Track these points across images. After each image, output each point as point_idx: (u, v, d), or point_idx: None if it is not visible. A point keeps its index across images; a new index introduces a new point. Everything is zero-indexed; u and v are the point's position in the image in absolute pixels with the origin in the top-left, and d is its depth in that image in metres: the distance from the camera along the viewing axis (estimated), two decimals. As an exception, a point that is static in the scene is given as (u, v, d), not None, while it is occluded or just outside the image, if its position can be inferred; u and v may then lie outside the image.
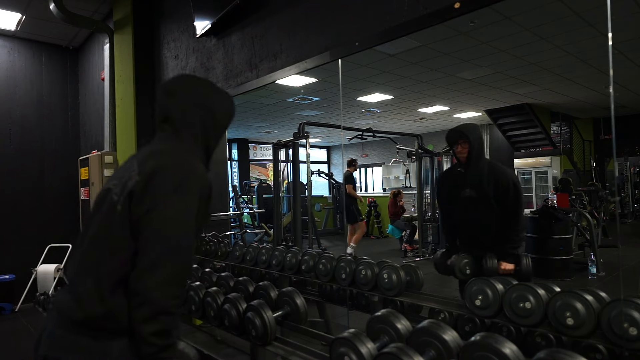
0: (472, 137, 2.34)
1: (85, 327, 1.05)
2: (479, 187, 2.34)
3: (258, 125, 10.24)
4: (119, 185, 1.11)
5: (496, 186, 2.31)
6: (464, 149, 2.36)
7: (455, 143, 2.40)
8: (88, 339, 1.05)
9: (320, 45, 2.26)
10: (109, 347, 1.05)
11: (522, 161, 9.67)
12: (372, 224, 9.92)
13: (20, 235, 5.02)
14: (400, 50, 5.03)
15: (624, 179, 9.99)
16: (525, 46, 4.96)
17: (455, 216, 2.52)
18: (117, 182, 1.13)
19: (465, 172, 2.40)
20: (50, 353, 1.07)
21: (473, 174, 2.36)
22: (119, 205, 1.07)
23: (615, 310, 1.22)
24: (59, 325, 1.09)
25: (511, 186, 2.30)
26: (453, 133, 2.42)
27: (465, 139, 2.35)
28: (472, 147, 2.33)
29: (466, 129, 2.37)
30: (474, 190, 2.35)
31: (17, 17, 4.51)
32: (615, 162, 9.70)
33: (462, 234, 2.52)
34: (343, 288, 2.12)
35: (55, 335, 1.08)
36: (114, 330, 1.06)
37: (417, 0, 1.77)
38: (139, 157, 1.17)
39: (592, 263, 4.84)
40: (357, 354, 1.23)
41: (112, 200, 1.09)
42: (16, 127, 5.10)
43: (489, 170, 2.35)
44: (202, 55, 3.30)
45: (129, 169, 1.12)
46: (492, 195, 2.32)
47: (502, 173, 2.36)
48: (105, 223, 1.10)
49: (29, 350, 1.15)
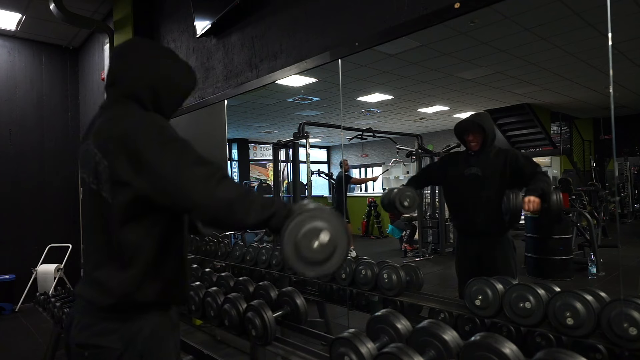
0: (487, 126, 2.27)
1: (112, 312, 1.06)
2: (485, 166, 2.26)
3: (258, 125, 10.24)
4: (91, 174, 1.06)
5: (505, 163, 2.22)
6: (476, 138, 2.28)
7: (467, 132, 2.31)
8: (117, 323, 1.06)
9: (320, 45, 2.26)
10: (138, 326, 1.06)
11: (522, 161, 9.66)
12: (372, 224, 9.92)
13: (20, 235, 5.02)
14: (400, 50, 5.03)
15: (624, 179, 9.98)
16: (525, 46, 4.97)
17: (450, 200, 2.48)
18: (87, 170, 1.09)
19: (474, 155, 2.32)
20: (84, 340, 1.07)
21: (482, 155, 2.29)
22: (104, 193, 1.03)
23: (615, 310, 1.22)
24: (87, 313, 1.10)
25: (519, 155, 2.23)
26: (467, 123, 2.33)
27: (479, 129, 2.27)
28: (487, 137, 2.26)
29: (481, 119, 2.29)
30: (479, 169, 2.27)
31: (17, 17, 4.51)
32: (615, 162, 9.69)
33: (459, 215, 2.43)
34: (343, 288, 2.12)
35: (84, 324, 1.09)
36: (140, 309, 1.07)
37: (417, 0, 1.77)
38: (94, 136, 1.07)
39: (592, 263, 4.83)
40: (357, 354, 1.23)
41: (92, 190, 1.07)
42: (16, 127, 5.10)
43: (497, 152, 2.29)
44: (202, 55, 3.30)
45: (91, 153, 1.05)
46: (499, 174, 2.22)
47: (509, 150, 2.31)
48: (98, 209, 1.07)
49: (29, 350, 1.16)
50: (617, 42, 4.79)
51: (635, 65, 5.71)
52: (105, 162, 1.01)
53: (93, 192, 1.07)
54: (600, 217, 6.60)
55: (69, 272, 4.95)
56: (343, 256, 0.96)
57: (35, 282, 4.79)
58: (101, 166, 1.02)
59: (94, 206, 1.09)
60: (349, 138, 8.55)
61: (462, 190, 2.34)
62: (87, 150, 1.08)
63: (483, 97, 7.65)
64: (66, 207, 5.27)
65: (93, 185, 1.06)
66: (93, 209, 1.10)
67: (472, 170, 2.28)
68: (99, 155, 1.02)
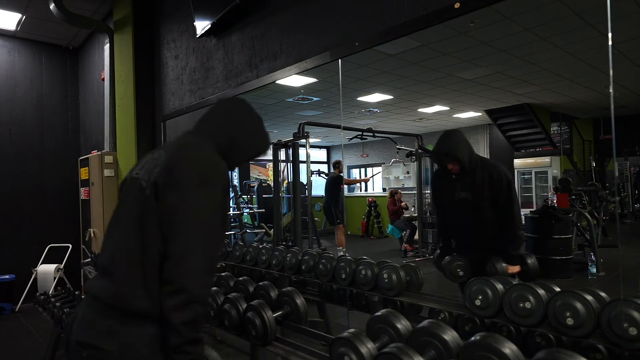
0: (461, 154, 2.20)
1: (118, 312, 1.07)
2: (473, 189, 2.25)
3: (258, 125, 10.22)
4: (146, 173, 1.14)
5: (490, 181, 2.21)
6: (455, 166, 2.25)
7: (444, 163, 2.29)
8: (118, 325, 1.07)
9: (320, 45, 2.26)
10: (139, 334, 1.07)
11: (522, 161, 9.67)
12: (372, 224, 9.92)
13: (20, 235, 5.02)
14: (400, 50, 5.03)
15: (624, 179, 9.98)
16: (525, 46, 4.96)
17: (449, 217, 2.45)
18: (144, 171, 1.16)
19: (460, 178, 2.30)
20: (84, 338, 1.08)
21: (466, 176, 2.27)
22: (147, 190, 1.10)
23: (615, 310, 1.22)
24: (92, 310, 1.11)
25: (504, 180, 2.21)
26: (440, 157, 2.30)
27: (454, 160, 2.22)
28: (464, 163, 2.21)
29: (452, 150, 2.21)
30: (468, 193, 2.26)
31: (17, 17, 4.51)
32: (615, 162, 9.68)
33: (457, 236, 2.44)
34: (343, 288, 2.12)
35: (87, 319, 1.10)
36: (146, 317, 1.08)
37: (417, 0, 1.77)
38: (167, 148, 1.21)
39: (592, 263, 4.83)
40: (357, 354, 1.23)
41: (141, 187, 1.12)
42: (16, 127, 5.10)
43: (482, 167, 2.26)
44: (202, 55, 3.30)
45: (157, 159, 1.16)
46: (487, 194, 2.22)
47: (495, 167, 2.26)
48: (137, 210, 1.12)
49: (29, 350, 1.16)
50: (617, 42, 4.78)
51: (635, 65, 5.70)
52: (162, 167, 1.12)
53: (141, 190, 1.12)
54: (600, 217, 6.60)
55: (69, 272, 4.95)
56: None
57: (35, 282, 4.79)
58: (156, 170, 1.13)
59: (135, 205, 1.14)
60: (349, 138, 8.55)
61: (455, 213, 2.35)
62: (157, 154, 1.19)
63: (483, 97, 7.65)
64: (66, 207, 5.27)
65: (143, 182, 1.13)
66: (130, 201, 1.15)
67: (462, 195, 2.28)
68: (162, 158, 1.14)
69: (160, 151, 1.20)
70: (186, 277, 1.02)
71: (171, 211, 1.07)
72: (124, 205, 1.18)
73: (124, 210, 1.17)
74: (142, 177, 1.14)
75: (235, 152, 1.30)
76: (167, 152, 1.17)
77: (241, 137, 1.31)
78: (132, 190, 1.15)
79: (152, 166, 1.14)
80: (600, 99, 7.80)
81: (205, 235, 1.08)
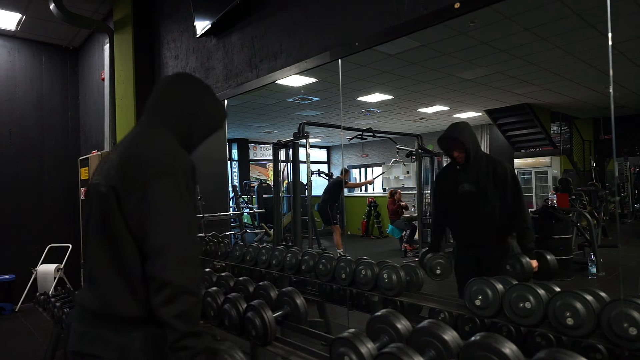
0: (467, 141, 2.25)
1: (106, 321, 1.08)
2: (477, 181, 2.27)
3: (258, 125, 10.24)
4: (103, 178, 1.11)
5: (495, 176, 2.24)
6: (460, 154, 2.29)
7: (450, 149, 2.33)
8: (111, 333, 1.07)
9: (320, 45, 2.26)
10: (131, 338, 1.07)
11: (522, 161, 9.67)
12: (372, 224, 9.92)
13: (20, 235, 5.02)
14: (400, 50, 5.03)
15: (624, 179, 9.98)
16: (525, 46, 4.96)
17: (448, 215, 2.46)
18: (102, 175, 1.13)
19: (463, 169, 2.33)
20: (80, 348, 1.09)
21: (471, 169, 2.29)
22: (109, 196, 1.08)
23: (615, 310, 1.22)
24: (83, 321, 1.11)
25: (509, 175, 2.24)
26: (446, 141, 2.32)
27: (460, 145, 2.27)
28: (469, 150, 2.26)
29: (459, 134, 2.26)
30: (473, 185, 2.28)
31: (17, 17, 4.51)
32: (615, 162, 9.69)
33: (459, 232, 2.45)
34: (343, 288, 2.12)
35: (80, 332, 1.11)
36: (133, 322, 1.08)
37: (417, 0, 1.77)
38: (119, 149, 1.17)
39: (592, 263, 4.84)
40: (357, 354, 1.23)
41: (101, 193, 1.10)
42: (16, 127, 5.10)
43: (487, 162, 2.29)
44: (202, 55, 3.30)
45: (112, 160, 1.13)
46: (491, 188, 2.24)
47: (500, 163, 2.30)
48: (102, 217, 1.10)
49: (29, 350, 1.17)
50: (617, 42, 4.79)
51: (635, 65, 5.70)
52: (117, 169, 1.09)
53: (101, 196, 1.10)
54: (600, 217, 6.60)
55: (69, 272, 4.95)
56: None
57: (35, 282, 4.78)
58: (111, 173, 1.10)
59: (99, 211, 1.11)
60: (349, 138, 8.54)
61: (459, 206, 2.36)
62: (111, 157, 1.16)
63: (483, 97, 7.65)
64: (66, 207, 5.27)
65: (103, 188, 1.10)
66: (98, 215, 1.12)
67: (466, 187, 2.29)
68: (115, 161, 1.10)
69: (115, 152, 1.17)
70: (168, 270, 1.00)
71: (138, 212, 1.04)
72: (91, 214, 1.16)
73: (92, 219, 1.15)
74: (101, 183, 1.11)
75: (194, 134, 1.25)
76: (119, 153, 1.13)
77: (198, 118, 1.25)
78: (94, 198, 1.14)
79: (107, 169, 1.11)
80: (600, 99, 7.80)
81: (178, 225, 1.05)
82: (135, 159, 1.09)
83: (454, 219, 2.46)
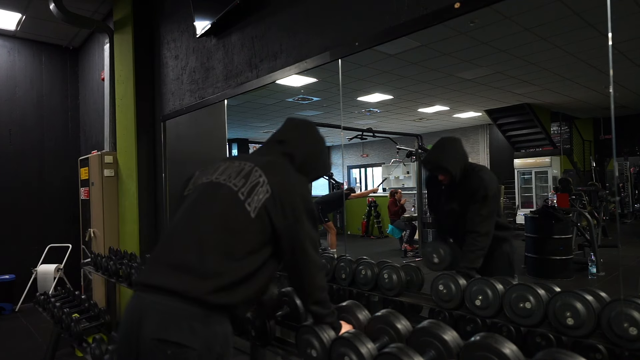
0: (452, 167, 2.11)
1: (199, 308, 1.09)
2: (462, 201, 2.17)
3: (258, 125, 10.24)
4: (245, 187, 1.21)
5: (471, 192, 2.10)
6: (445, 177, 2.18)
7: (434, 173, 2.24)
8: (201, 322, 1.09)
9: (320, 45, 2.26)
10: (215, 332, 1.11)
11: (522, 161, 9.67)
12: (372, 224, 9.92)
13: (20, 235, 5.02)
14: (400, 50, 5.03)
15: (624, 179, 9.98)
16: (525, 46, 4.96)
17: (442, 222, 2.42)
18: (239, 183, 1.22)
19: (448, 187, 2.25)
20: (164, 336, 1.06)
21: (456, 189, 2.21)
22: (251, 209, 1.18)
23: (615, 310, 1.22)
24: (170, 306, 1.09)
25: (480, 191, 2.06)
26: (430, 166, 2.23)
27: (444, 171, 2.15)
28: (453, 176, 2.13)
29: (443, 161, 2.12)
30: (457, 205, 2.20)
31: (17, 17, 4.52)
32: (615, 162, 9.68)
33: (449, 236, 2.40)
34: (343, 288, 2.12)
35: (167, 318, 1.08)
36: (224, 312, 1.14)
37: (417, 0, 1.77)
38: (257, 162, 1.29)
39: (592, 263, 4.83)
40: (357, 354, 1.23)
41: (238, 200, 1.19)
42: (16, 127, 5.10)
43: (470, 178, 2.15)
44: (202, 55, 3.30)
45: (253, 174, 1.24)
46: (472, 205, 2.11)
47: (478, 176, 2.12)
48: (232, 216, 1.18)
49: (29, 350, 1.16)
50: (617, 42, 4.79)
51: (635, 65, 5.71)
52: (269, 190, 1.21)
53: (236, 201, 1.20)
54: (600, 217, 6.60)
55: (69, 272, 4.95)
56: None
57: (35, 282, 4.79)
58: (262, 188, 1.21)
59: (223, 204, 1.21)
60: (349, 138, 8.55)
61: (447, 220, 2.32)
62: (247, 167, 1.27)
63: (483, 97, 7.65)
64: (66, 207, 5.27)
65: (242, 195, 1.20)
66: (219, 205, 1.22)
67: (452, 205, 2.23)
68: (264, 180, 1.22)
69: (250, 163, 1.28)
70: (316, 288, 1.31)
71: (287, 230, 1.20)
72: (202, 204, 1.24)
73: (204, 209, 1.22)
74: (241, 191, 1.21)
75: (311, 170, 1.46)
76: (263, 169, 1.25)
77: (312, 161, 1.46)
78: (220, 194, 1.22)
79: (253, 183, 1.22)
80: (600, 99, 7.80)
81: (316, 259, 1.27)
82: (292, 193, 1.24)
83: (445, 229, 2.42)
